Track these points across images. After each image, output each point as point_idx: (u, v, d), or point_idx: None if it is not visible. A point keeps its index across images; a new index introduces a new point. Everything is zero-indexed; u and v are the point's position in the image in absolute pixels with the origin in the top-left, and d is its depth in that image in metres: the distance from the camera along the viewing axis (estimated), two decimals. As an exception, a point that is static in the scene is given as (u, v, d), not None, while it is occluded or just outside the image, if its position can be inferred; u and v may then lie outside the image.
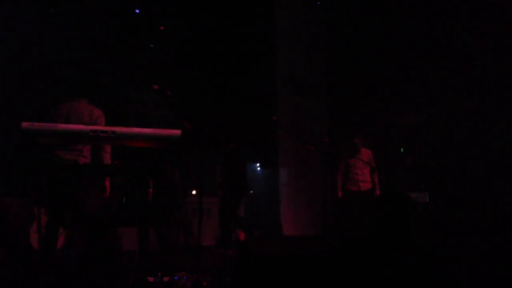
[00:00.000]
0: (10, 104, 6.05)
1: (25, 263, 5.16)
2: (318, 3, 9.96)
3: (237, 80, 8.59)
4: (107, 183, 4.27)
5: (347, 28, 9.73)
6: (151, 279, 4.15)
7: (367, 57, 9.47)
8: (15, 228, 5.26)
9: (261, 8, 8.91)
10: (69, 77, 6.61)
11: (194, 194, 7.60)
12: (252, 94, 8.71)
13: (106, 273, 4.04)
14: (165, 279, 4.18)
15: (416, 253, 2.57)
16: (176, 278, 4.20)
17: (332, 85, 10.10)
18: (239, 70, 8.64)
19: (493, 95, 7.99)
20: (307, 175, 8.68)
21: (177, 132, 3.20)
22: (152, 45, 8.16)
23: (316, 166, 8.20)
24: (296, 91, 9.35)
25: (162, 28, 8.19)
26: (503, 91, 7.87)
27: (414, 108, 9.22)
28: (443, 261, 5.12)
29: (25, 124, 2.87)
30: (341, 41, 9.87)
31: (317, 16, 10.14)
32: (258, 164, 9.65)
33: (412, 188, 7.94)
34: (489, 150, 7.98)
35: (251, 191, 9.12)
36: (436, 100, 8.77)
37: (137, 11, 7.72)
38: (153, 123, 7.74)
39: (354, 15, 9.54)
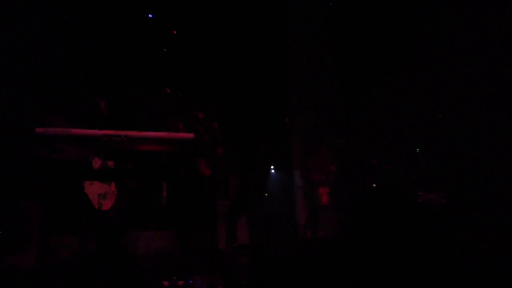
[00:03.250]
0: (18, 107, 6.07)
1: (42, 267, 5.18)
2: (331, 3, 9.91)
3: (249, 82, 8.58)
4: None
5: (360, 27, 9.67)
6: (166, 283, 4.14)
7: (380, 56, 9.41)
8: (30, 232, 5.28)
9: (272, 11, 8.90)
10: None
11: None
12: (265, 97, 8.68)
13: (120, 277, 4.04)
14: (180, 282, 4.16)
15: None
16: (191, 282, 4.18)
17: (345, 85, 10.05)
18: (251, 73, 8.63)
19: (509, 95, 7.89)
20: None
21: (190, 135, 3.20)
22: (165, 49, 8.18)
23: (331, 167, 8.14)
24: (308, 92, 9.31)
25: (175, 32, 8.20)
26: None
27: (429, 107, 9.14)
28: (459, 261, 5.05)
29: (39, 129, 2.88)
30: (354, 40, 9.81)
31: (329, 15, 10.09)
32: (272, 167, 9.61)
33: (428, 188, 7.85)
34: (506, 150, 7.88)
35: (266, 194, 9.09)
36: (451, 99, 8.69)
37: (150, 16, 7.74)
38: (165, 127, 7.72)
39: (367, 12, 9.48)
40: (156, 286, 4.04)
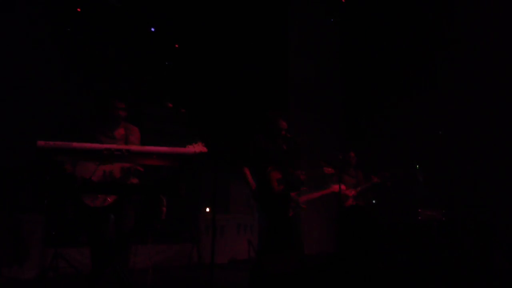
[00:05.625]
0: (24, 120, 6.10)
1: (39, 280, 5.17)
2: (332, 20, 9.98)
3: (249, 98, 8.62)
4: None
5: (361, 43, 9.73)
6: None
7: (381, 72, 9.45)
8: (29, 244, 5.28)
9: (274, 27, 8.95)
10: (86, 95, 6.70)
11: (207, 212, 7.55)
12: (265, 111, 8.70)
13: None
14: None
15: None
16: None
17: (345, 102, 10.09)
18: (251, 88, 8.66)
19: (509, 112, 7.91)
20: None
21: (191, 150, 3.21)
22: (167, 63, 8.22)
23: (330, 182, 8.13)
24: (309, 108, 9.35)
25: (176, 46, 8.25)
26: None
27: (430, 124, 9.15)
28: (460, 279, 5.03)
29: (40, 143, 2.89)
30: (355, 57, 9.86)
31: (331, 31, 10.16)
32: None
33: (428, 205, 7.82)
34: (506, 166, 7.87)
35: None
36: (452, 116, 8.69)
37: (152, 29, 7.78)
38: (167, 141, 7.75)
39: (368, 29, 9.53)
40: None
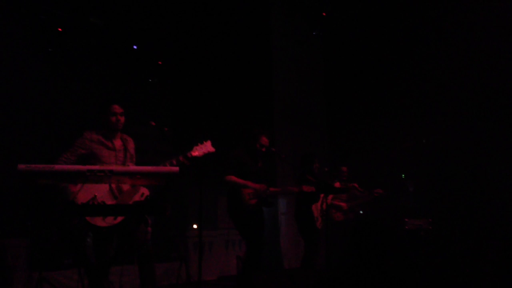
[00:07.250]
0: (9, 143, 6.03)
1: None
2: (314, 33, 10.07)
3: (234, 112, 8.61)
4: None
5: (344, 56, 9.82)
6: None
7: (364, 84, 9.53)
8: (13, 269, 5.19)
9: (257, 40, 9.00)
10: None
11: (195, 228, 7.50)
12: (250, 125, 8.72)
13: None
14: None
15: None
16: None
17: (329, 113, 10.15)
18: (236, 102, 8.67)
19: (493, 120, 8.00)
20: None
21: (175, 169, 3.18)
22: (150, 80, 8.18)
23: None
24: (293, 120, 9.38)
25: (160, 62, 8.23)
26: (506, 115, 7.89)
27: (413, 133, 9.23)
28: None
29: (21, 166, 2.85)
30: (338, 69, 9.94)
31: (314, 44, 10.25)
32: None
33: (415, 215, 7.86)
34: (490, 173, 7.95)
35: None
36: (435, 124, 8.78)
37: (134, 47, 7.76)
38: (151, 159, 7.70)
39: (351, 42, 9.63)
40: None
